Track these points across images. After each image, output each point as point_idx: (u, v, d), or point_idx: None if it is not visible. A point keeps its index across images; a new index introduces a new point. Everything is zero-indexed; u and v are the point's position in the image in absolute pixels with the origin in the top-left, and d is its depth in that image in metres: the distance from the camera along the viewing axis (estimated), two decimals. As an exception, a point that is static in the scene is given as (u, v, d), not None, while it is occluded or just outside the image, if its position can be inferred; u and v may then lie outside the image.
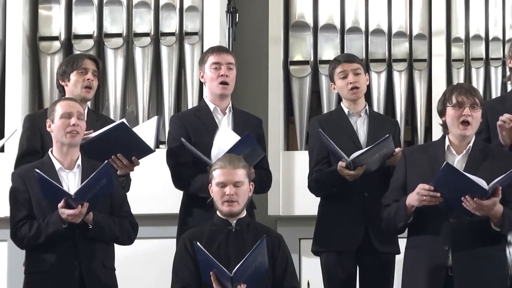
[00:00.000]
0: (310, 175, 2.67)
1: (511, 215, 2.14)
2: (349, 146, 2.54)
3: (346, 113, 2.67)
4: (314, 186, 2.64)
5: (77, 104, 2.36)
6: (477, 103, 2.21)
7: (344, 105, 2.69)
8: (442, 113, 2.27)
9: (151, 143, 2.50)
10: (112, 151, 2.41)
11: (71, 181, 2.28)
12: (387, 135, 2.47)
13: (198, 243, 2.11)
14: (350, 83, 2.60)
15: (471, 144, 2.24)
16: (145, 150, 2.49)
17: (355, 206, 2.53)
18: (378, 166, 2.49)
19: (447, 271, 2.17)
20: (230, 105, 2.68)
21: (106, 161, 2.30)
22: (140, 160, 2.55)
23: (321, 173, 2.59)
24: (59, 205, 2.14)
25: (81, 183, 2.23)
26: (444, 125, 2.28)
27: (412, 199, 2.16)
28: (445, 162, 2.11)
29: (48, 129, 2.32)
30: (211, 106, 2.63)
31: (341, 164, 2.47)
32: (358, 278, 2.63)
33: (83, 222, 2.20)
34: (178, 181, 2.58)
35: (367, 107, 2.74)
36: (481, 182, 2.06)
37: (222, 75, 2.56)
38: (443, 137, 2.31)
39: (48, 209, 2.21)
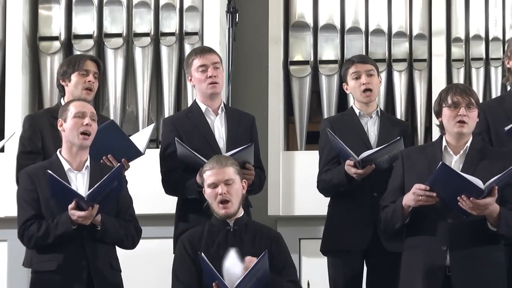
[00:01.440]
0: (319, 175, 2.67)
1: (508, 215, 2.14)
2: (359, 147, 2.54)
3: (357, 114, 2.67)
4: (322, 185, 2.65)
5: (90, 105, 2.36)
6: (473, 103, 2.21)
7: (356, 106, 2.70)
8: (438, 114, 2.27)
9: (141, 146, 2.50)
10: (102, 152, 2.41)
11: (79, 182, 2.28)
12: (399, 137, 2.48)
13: (202, 254, 2.11)
14: (363, 84, 2.61)
15: (468, 144, 2.25)
16: (135, 153, 2.49)
17: (364, 206, 2.53)
18: (386, 167, 2.50)
19: (445, 271, 2.17)
20: (222, 104, 2.68)
21: (118, 164, 2.31)
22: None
23: (329, 172, 2.60)
24: (70, 206, 2.14)
25: (89, 185, 2.23)
26: (441, 126, 2.28)
27: (408, 199, 2.16)
28: (440, 162, 2.11)
29: (60, 128, 2.31)
30: (203, 107, 2.62)
31: (348, 162, 2.47)
32: (366, 278, 2.64)
33: (91, 223, 2.20)
34: (167, 186, 2.57)
35: (378, 109, 2.74)
36: (477, 182, 2.06)
37: (210, 77, 2.56)
38: (440, 138, 2.31)
39: (56, 209, 2.21)
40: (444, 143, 2.27)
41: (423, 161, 2.26)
